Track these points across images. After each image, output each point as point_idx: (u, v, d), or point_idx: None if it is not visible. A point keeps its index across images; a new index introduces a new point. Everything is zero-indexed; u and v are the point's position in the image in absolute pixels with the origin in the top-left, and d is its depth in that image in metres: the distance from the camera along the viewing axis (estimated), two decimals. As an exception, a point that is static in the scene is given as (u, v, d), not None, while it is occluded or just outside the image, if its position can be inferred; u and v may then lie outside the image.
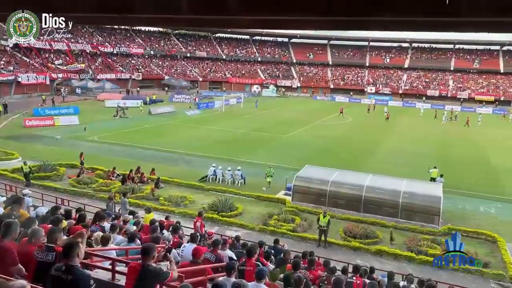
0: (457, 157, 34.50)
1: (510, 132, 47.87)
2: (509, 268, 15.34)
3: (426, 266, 15.68)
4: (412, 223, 19.40)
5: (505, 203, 23.47)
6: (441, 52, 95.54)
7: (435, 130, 49.30)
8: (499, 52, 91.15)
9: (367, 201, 20.58)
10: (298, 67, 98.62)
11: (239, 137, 39.79)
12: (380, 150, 36.23)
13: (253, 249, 7.81)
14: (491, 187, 26.22)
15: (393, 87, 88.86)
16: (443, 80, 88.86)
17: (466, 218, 20.98)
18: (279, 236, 16.72)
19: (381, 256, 16.58)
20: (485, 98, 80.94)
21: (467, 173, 29.18)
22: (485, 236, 18.33)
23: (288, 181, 23.66)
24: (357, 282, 8.48)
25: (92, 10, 4.35)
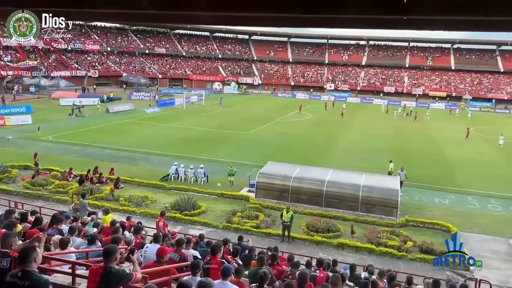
0: (412, 150, 35.83)
1: (456, 126, 50.07)
2: (462, 255, 16.11)
3: (386, 257, 16.24)
4: (371, 216, 19.99)
5: (458, 194, 24.63)
6: (396, 49, 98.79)
7: (389, 125, 50.97)
8: (450, 50, 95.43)
9: (328, 196, 20.99)
10: (259, 64, 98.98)
11: (201, 134, 39.48)
12: (340, 145, 37.04)
13: (217, 247, 7.77)
14: (445, 179, 27.43)
15: (351, 84, 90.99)
16: (399, 77, 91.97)
17: (422, 209, 21.85)
18: (243, 233, 16.80)
19: (343, 249, 16.98)
20: (438, 94, 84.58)
21: (422, 166, 30.34)
22: (440, 226, 19.17)
23: (251, 178, 23.75)
24: (320, 275, 8.63)
25: (47, 3, 4.15)
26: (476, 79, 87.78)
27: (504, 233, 18.89)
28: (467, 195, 24.43)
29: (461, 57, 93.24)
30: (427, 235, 18.33)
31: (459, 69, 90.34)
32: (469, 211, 22.02)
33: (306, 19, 3.49)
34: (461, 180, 27.40)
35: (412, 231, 18.67)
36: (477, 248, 17.46)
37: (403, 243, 17.08)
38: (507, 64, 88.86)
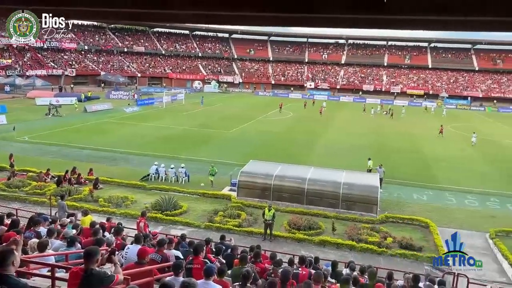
0: (391, 148, 36.42)
1: (432, 123, 50.98)
2: (440, 250, 16.42)
3: (366, 253, 16.46)
4: (352, 213, 20.22)
5: (436, 190, 25.15)
6: (375, 48, 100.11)
7: (368, 123, 51.64)
8: (427, 48, 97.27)
9: (309, 194, 21.15)
10: (240, 63, 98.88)
11: (182, 134, 39.21)
12: (320, 143, 37.34)
13: (199, 247, 7.74)
14: (423, 176, 27.96)
15: (331, 83, 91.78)
16: (378, 75, 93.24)
17: (402, 206, 22.23)
18: (225, 232, 16.78)
19: (324, 246, 17.12)
20: (415, 92, 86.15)
21: (401, 163, 30.86)
22: (418, 222, 19.53)
23: (233, 176, 23.72)
24: (303, 272, 8.68)
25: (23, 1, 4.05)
26: (452, 77, 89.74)
27: (480, 228, 19.37)
28: (444, 191, 24.96)
29: (437, 56, 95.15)
30: (406, 231, 18.65)
31: (436, 68, 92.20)
32: (446, 206, 22.51)
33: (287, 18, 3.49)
34: (439, 177, 27.97)
35: (392, 227, 18.98)
36: (455, 242, 17.86)
37: (383, 239, 17.34)
38: (481, 62, 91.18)
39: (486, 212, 21.76)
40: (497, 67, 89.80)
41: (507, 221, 19.88)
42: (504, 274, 15.51)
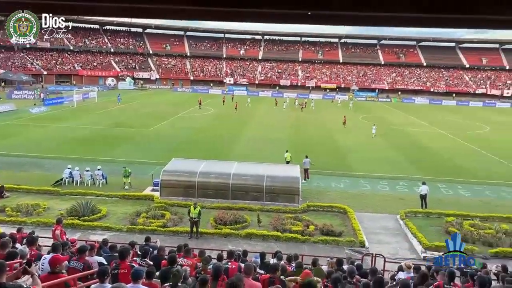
0: (308, 139, 37.86)
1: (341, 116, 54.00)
2: (358, 234, 17.53)
3: (291, 242, 16.98)
4: (276, 204, 20.73)
5: (352, 178, 26.69)
6: (290, 44, 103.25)
7: (285, 116, 53.30)
8: (338, 44, 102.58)
9: (234, 188, 21.27)
10: (156, 58, 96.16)
11: (97, 134, 37.18)
12: (242, 138, 37.74)
13: (125, 251, 7.41)
14: (339, 165, 29.53)
15: (249, 78, 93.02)
16: (293, 71, 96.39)
17: (321, 194, 23.27)
18: (150, 233, 16.28)
19: (251, 239, 17.36)
20: (329, 85, 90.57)
21: (318, 153, 32.21)
22: (337, 209, 20.58)
23: (155, 176, 23.05)
24: (232, 266, 8.72)
25: None
26: (361, 71, 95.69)
27: (392, 211, 20.95)
28: (359, 178, 26.58)
29: (347, 51, 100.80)
30: (326, 218, 19.57)
31: (346, 62, 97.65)
32: (362, 192, 24.00)
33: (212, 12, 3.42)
34: (353, 165, 29.73)
35: (313, 216, 19.79)
36: (371, 226, 19.16)
37: (306, 227, 18.01)
38: (386, 57, 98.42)
39: (396, 195, 23.60)
40: (400, 61, 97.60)
41: (414, 202, 21.70)
42: (414, 251, 16.95)
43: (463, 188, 25.31)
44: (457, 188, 25.21)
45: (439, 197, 23.16)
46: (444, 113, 64.08)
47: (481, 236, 17.46)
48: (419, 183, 22.66)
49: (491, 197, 23.82)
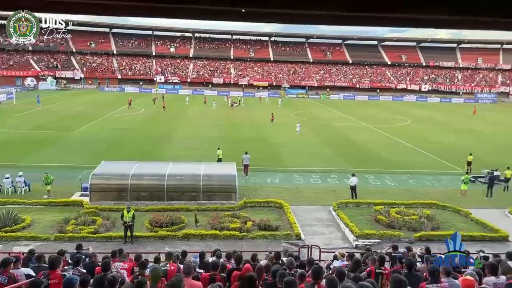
0: (242, 136, 38.09)
1: (274, 112, 55.20)
2: (294, 227, 17.97)
3: (230, 240, 16.99)
4: (213, 203, 20.62)
5: (286, 173, 27.28)
6: (221, 42, 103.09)
7: (217, 114, 53.26)
8: (268, 42, 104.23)
9: (170, 189, 20.83)
10: (80, 57, 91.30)
11: (16, 138, 34.50)
12: (176, 138, 37.07)
13: (56, 261, 6.96)
14: (273, 160, 30.07)
15: (181, 76, 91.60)
16: (226, 68, 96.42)
17: (258, 190, 23.55)
18: (81, 241, 15.43)
19: (189, 239, 17.11)
20: (261, 83, 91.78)
21: (253, 150, 32.44)
22: (273, 203, 20.95)
23: (84, 180, 21.90)
24: (171, 268, 8.54)
25: None
26: (291, 69, 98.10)
27: (325, 202, 21.74)
28: (293, 173, 27.24)
29: (278, 49, 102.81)
30: (263, 213, 19.84)
31: (277, 60, 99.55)
32: (296, 186, 24.63)
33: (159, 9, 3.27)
34: (287, 160, 30.42)
35: (251, 212, 19.96)
36: (305, 218, 19.74)
37: (244, 224, 18.13)
38: (314, 55, 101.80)
39: (328, 188, 24.52)
40: (327, 59, 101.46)
41: (345, 193, 22.70)
42: (347, 240, 17.73)
43: (389, 178, 26.91)
44: (384, 178, 26.75)
45: (367, 188, 24.42)
46: (369, 108, 67.68)
47: (406, 222, 18.69)
48: (349, 175, 23.69)
49: (414, 185, 25.57)
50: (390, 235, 17.61)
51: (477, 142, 39.06)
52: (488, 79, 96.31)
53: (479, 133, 44.73)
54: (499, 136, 43.33)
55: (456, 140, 39.81)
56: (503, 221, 19.82)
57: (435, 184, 25.95)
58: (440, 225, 18.80)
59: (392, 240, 16.76)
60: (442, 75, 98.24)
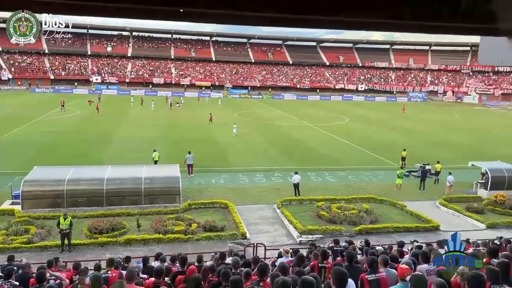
0: (184, 137, 37.45)
1: (213, 112, 55.29)
2: (239, 227, 18.00)
3: (174, 243, 16.68)
4: (156, 206, 20.13)
5: (230, 173, 27.27)
6: (161, 41, 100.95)
7: (156, 115, 52.21)
8: (209, 42, 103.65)
9: (109, 194, 20.05)
10: (7, 56, 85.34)
11: None
12: (115, 140, 35.80)
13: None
14: (217, 160, 29.95)
15: (119, 76, 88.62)
16: (166, 68, 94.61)
17: (202, 191, 23.33)
18: (13, 252, 14.41)
19: (131, 245, 16.58)
20: (203, 83, 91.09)
21: (196, 151, 32.13)
22: (219, 204, 20.87)
23: (14, 188, 20.49)
24: (113, 275, 8.25)
25: None
26: (234, 69, 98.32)
27: (269, 201, 22.00)
28: (238, 173, 27.30)
29: (219, 49, 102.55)
30: (208, 214, 19.69)
31: (219, 60, 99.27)
32: (241, 186, 24.71)
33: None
34: (231, 160, 30.44)
35: (195, 213, 19.74)
36: (251, 217, 19.86)
37: (188, 226, 17.88)
38: (256, 55, 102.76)
39: (272, 186, 24.84)
40: (269, 60, 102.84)
41: (289, 191, 23.12)
42: (291, 237, 18.07)
43: (330, 174, 27.78)
44: (325, 175, 27.57)
45: (310, 185, 25.04)
46: (309, 107, 69.51)
47: (347, 217, 19.40)
48: (291, 173, 24.17)
49: (353, 181, 26.59)
50: (332, 229, 18.19)
51: (410, 138, 41.41)
52: (419, 79, 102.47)
53: (411, 130, 47.46)
54: (429, 133, 46.25)
55: (391, 137, 41.96)
56: (434, 212, 21.19)
57: (372, 179, 27.16)
58: (378, 218, 19.71)
59: (333, 234, 17.30)
60: (377, 75, 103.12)
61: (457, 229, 18.98)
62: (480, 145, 39.10)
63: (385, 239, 17.09)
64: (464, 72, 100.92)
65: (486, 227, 19.21)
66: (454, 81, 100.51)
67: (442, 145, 38.04)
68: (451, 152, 34.73)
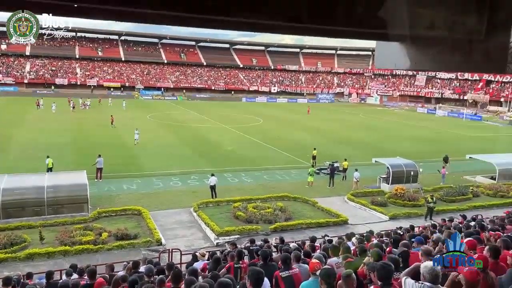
0: (91, 142, 35.25)
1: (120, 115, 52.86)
2: (154, 233, 17.43)
3: (83, 254, 15.64)
4: (61, 217, 18.69)
5: (144, 178, 26.31)
6: (63, 40, 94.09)
7: (59, 118, 48.88)
8: (118, 41, 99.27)
9: (6, 206, 18.22)
10: None
11: None
12: (12, 146, 32.67)
13: None
14: (129, 165, 28.74)
15: (16, 77, 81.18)
16: (71, 68, 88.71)
17: (113, 199, 22.17)
18: None
19: (33, 259, 15.21)
20: (112, 84, 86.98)
21: (106, 156, 30.50)
22: (131, 211, 19.98)
23: None
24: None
25: None
26: (145, 70, 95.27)
27: (185, 205, 21.60)
28: (152, 177, 26.44)
29: (129, 49, 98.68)
30: (120, 222, 18.77)
31: (129, 60, 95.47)
32: (155, 191, 23.96)
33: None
34: (145, 164, 29.42)
35: (106, 222, 18.70)
36: (167, 222, 19.37)
37: (99, 235, 16.88)
38: (168, 56, 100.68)
39: (189, 189, 24.46)
40: (182, 60, 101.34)
41: (206, 193, 22.93)
42: (209, 239, 17.94)
43: (246, 175, 28.12)
44: (241, 176, 27.86)
45: (227, 186, 25.10)
46: (224, 109, 69.84)
47: (263, 216, 19.77)
48: (208, 175, 24.03)
49: (268, 180, 27.21)
50: (249, 229, 18.41)
51: (320, 138, 43.49)
52: (327, 81, 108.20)
53: (321, 130, 49.91)
54: (337, 132, 49.01)
55: (302, 137, 43.70)
56: (343, 207, 22.49)
57: (286, 178, 28.04)
58: (292, 215, 20.38)
59: (250, 234, 17.52)
60: (288, 78, 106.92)
61: (364, 221, 20.45)
62: (382, 142, 42.34)
63: (299, 235, 17.69)
64: (366, 75, 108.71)
65: (389, 219, 20.83)
66: (358, 83, 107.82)
67: (348, 144, 40.55)
68: (356, 150, 37.16)
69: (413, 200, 23.19)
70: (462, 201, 23.82)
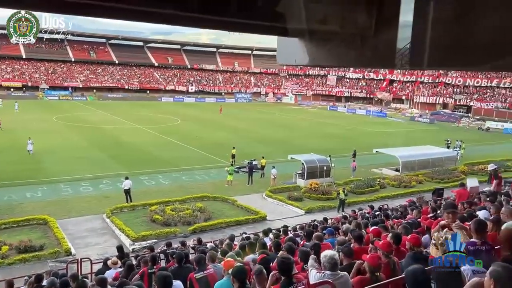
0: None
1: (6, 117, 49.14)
2: (62, 243, 16.23)
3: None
4: (-49, 232, 16.66)
5: (50, 184, 24.38)
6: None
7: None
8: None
9: None
10: None
11: None
12: None
13: None
14: (33, 171, 26.45)
15: None
16: (-38, 66, 79.51)
17: (14, 208, 20.25)
18: None
19: None
20: (13, 84, 79.60)
21: (4, 162, 27.91)
22: (36, 220, 18.42)
23: None
24: None
25: None
26: (50, 68, 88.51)
27: (97, 211, 20.43)
28: (59, 183, 24.61)
29: (30, 46, 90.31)
30: (24, 234, 17.20)
31: (31, 58, 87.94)
32: (63, 198, 22.33)
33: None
34: (51, 170, 27.30)
35: (6, 234, 17.01)
36: (77, 230, 18.16)
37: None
38: (76, 53, 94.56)
39: (101, 194, 23.17)
40: (92, 59, 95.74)
41: (120, 198, 21.87)
42: (124, 247, 17.10)
43: (163, 177, 27.37)
44: (158, 178, 27.06)
45: (143, 189, 24.21)
46: (139, 109, 67.37)
47: (181, 218, 19.39)
48: (122, 179, 23.00)
49: (187, 181, 26.77)
50: (167, 232, 17.94)
51: (238, 136, 43.82)
52: (244, 81, 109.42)
53: (239, 129, 50.33)
54: (254, 131, 49.73)
55: (221, 136, 43.71)
56: (262, 203, 22.89)
57: (205, 178, 27.82)
58: (212, 215, 20.26)
59: (168, 237, 17.09)
60: (206, 77, 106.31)
61: (281, 216, 20.99)
62: (297, 139, 43.82)
63: (218, 234, 17.62)
64: (282, 75, 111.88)
65: (304, 213, 21.61)
66: (274, 83, 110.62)
67: (266, 142, 41.36)
68: (273, 148, 38.02)
69: (327, 193, 24.32)
70: (370, 192, 25.49)
